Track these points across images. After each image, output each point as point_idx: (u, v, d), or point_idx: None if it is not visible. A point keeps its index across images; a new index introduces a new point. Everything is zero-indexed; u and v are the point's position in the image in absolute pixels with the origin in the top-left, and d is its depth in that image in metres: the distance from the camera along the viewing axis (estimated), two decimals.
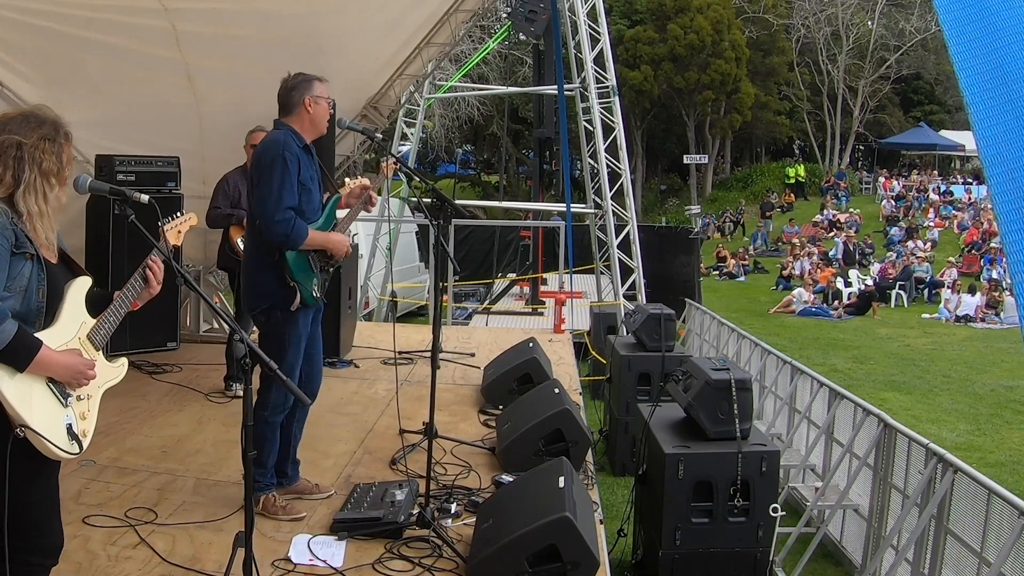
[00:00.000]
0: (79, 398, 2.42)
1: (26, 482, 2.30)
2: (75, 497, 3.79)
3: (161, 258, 2.55)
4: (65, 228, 2.52)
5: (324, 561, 3.28)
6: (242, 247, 5.49)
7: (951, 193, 28.16)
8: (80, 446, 2.39)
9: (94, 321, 2.48)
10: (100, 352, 2.50)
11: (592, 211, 13.10)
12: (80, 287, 2.49)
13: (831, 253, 22.96)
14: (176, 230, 2.80)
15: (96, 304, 2.52)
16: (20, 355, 2.24)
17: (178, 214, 2.85)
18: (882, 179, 31.24)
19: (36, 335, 2.30)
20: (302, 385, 3.84)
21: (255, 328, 3.90)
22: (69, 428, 2.36)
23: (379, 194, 4.09)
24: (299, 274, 3.67)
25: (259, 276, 3.70)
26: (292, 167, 3.57)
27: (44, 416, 2.29)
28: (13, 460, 2.23)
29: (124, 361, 2.61)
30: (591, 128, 12.82)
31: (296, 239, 3.57)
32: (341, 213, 3.99)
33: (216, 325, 7.73)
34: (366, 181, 4.05)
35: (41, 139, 2.36)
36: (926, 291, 18.86)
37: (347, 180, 4.07)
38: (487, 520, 3.41)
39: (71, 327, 2.42)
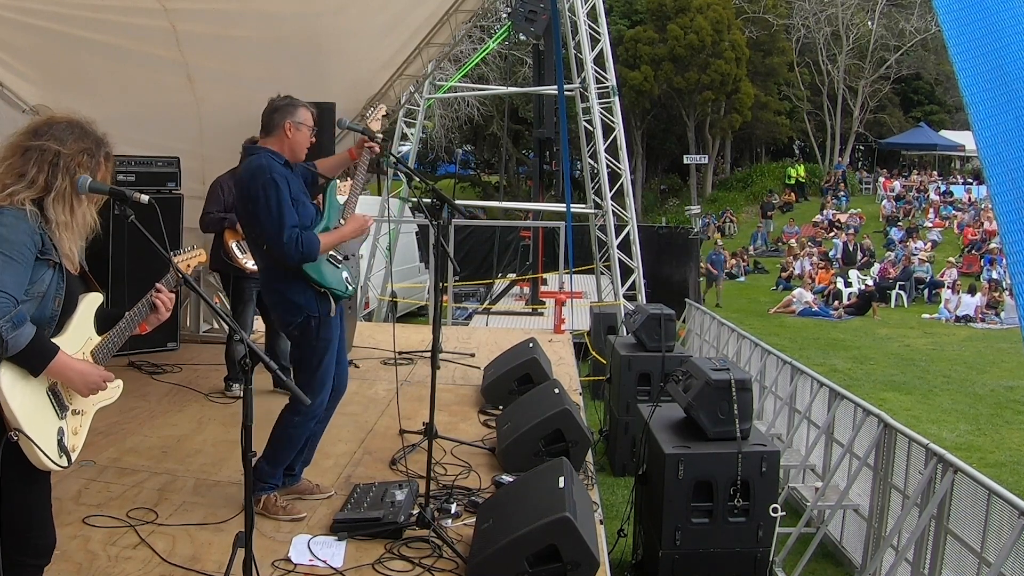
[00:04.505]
0: (75, 412, 2.41)
1: (19, 483, 2.30)
2: (75, 497, 3.79)
3: (169, 281, 2.55)
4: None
5: (324, 561, 3.28)
6: (236, 252, 5.48)
7: (951, 193, 28.18)
8: (68, 460, 2.37)
9: (100, 339, 2.49)
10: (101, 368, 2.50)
11: (592, 211, 13.11)
12: (91, 303, 2.49)
13: (831, 253, 22.96)
14: (185, 263, 2.81)
15: (103, 322, 2.52)
16: (36, 359, 2.24)
17: (190, 247, 2.86)
18: (882, 179, 31.26)
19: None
20: (335, 385, 3.86)
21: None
22: (60, 441, 2.34)
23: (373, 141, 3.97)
24: (326, 280, 3.66)
25: (286, 292, 3.64)
26: (283, 186, 3.53)
27: (39, 424, 2.28)
28: (6, 462, 2.23)
29: (119, 383, 2.59)
30: (591, 128, 12.83)
31: (311, 251, 3.53)
32: (340, 199, 3.98)
33: (216, 325, 7.73)
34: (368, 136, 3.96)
35: (80, 152, 2.36)
36: (926, 291, 18.87)
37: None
38: (487, 520, 3.41)
39: (78, 340, 2.43)
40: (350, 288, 3.78)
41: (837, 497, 5.67)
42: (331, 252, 3.76)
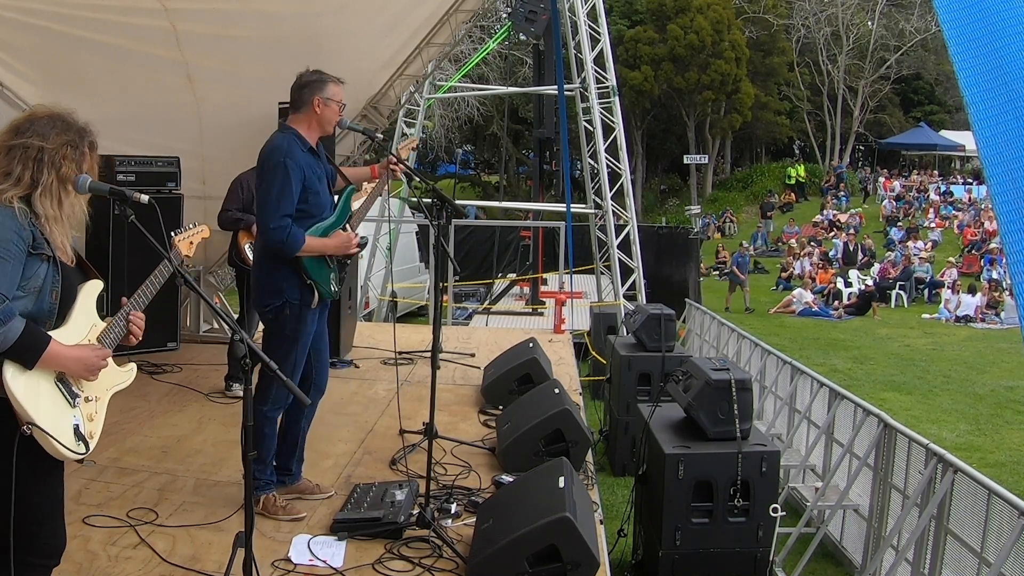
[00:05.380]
0: (87, 399, 2.43)
1: (31, 481, 2.30)
2: (75, 497, 3.79)
3: (168, 268, 2.56)
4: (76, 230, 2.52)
5: (324, 561, 3.28)
6: (249, 254, 5.49)
7: (951, 193, 28.19)
8: (87, 447, 2.40)
9: (104, 324, 2.50)
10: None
11: (592, 211, 13.11)
12: (92, 290, 2.50)
13: (831, 253, 22.96)
14: (188, 240, 2.82)
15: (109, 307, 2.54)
16: (28, 352, 2.25)
17: (192, 225, 2.86)
18: (882, 179, 31.27)
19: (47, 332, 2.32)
20: (313, 381, 3.89)
21: (260, 329, 3.91)
22: (76, 428, 2.37)
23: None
24: (315, 272, 3.68)
25: (272, 274, 3.69)
26: (295, 175, 3.57)
27: (52, 415, 2.30)
28: (19, 459, 2.24)
29: (133, 366, 2.63)
30: (591, 128, 12.83)
31: (292, 246, 3.59)
32: (355, 204, 4.00)
33: (216, 325, 7.73)
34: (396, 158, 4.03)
35: (63, 144, 2.38)
36: (926, 291, 18.87)
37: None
38: (487, 520, 3.41)
39: (82, 328, 2.44)
40: (334, 289, 3.79)
41: (837, 497, 5.67)
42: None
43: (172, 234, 2.74)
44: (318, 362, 3.91)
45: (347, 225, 3.87)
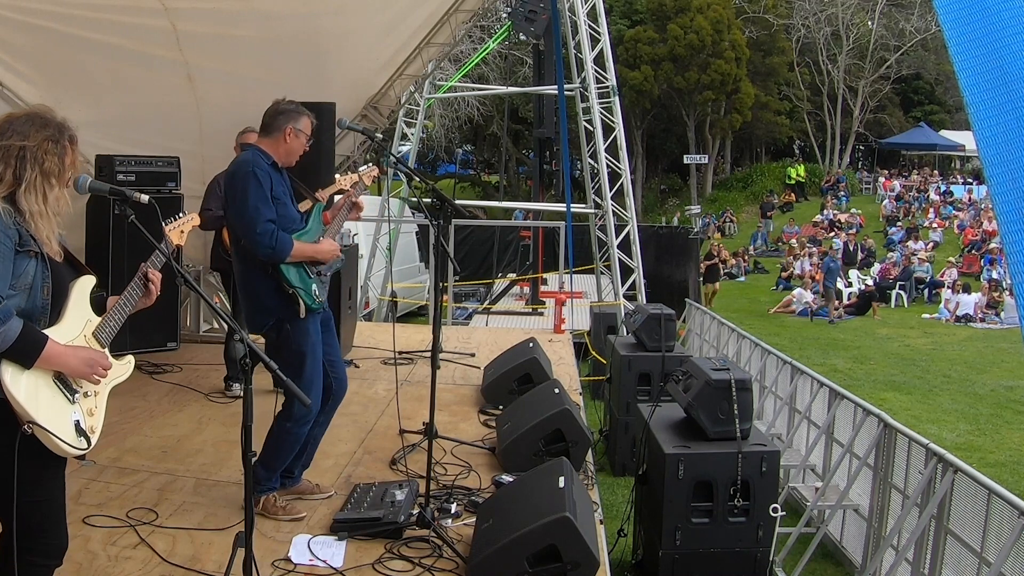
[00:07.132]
0: (86, 395, 2.44)
1: (32, 481, 2.31)
2: (75, 497, 3.78)
3: (162, 260, 2.56)
4: (65, 228, 2.52)
5: (324, 561, 3.28)
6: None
7: (951, 193, 28.18)
8: (88, 442, 2.41)
9: (99, 319, 2.50)
10: (106, 349, 2.51)
11: (592, 211, 13.11)
12: (84, 285, 2.51)
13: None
14: (179, 230, 2.82)
15: (97, 305, 2.53)
16: (27, 351, 2.25)
17: (180, 214, 2.87)
18: (882, 179, 31.28)
19: (43, 331, 2.32)
20: (333, 391, 3.87)
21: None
22: (77, 424, 2.38)
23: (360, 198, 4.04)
24: (296, 280, 3.66)
25: (257, 293, 3.68)
26: (264, 182, 3.58)
27: (52, 413, 2.31)
28: (21, 459, 2.24)
29: (131, 359, 2.63)
30: (591, 128, 12.82)
31: (281, 250, 3.57)
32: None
33: (216, 325, 7.73)
34: (353, 179, 4.02)
35: (45, 140, 2.38)
36: (926, 291, 18.86)
37: (337, 176, 4.04)
38: (487, 520, 3.41)
39: (77, 324, 2.45)
40: (318, 300, 3.74)
41: (837, 497, 5.67)
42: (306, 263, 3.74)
43: (163, 224, 2.74)
44: (335, 373, 3.90)
45: (321, 238, 3.85)
